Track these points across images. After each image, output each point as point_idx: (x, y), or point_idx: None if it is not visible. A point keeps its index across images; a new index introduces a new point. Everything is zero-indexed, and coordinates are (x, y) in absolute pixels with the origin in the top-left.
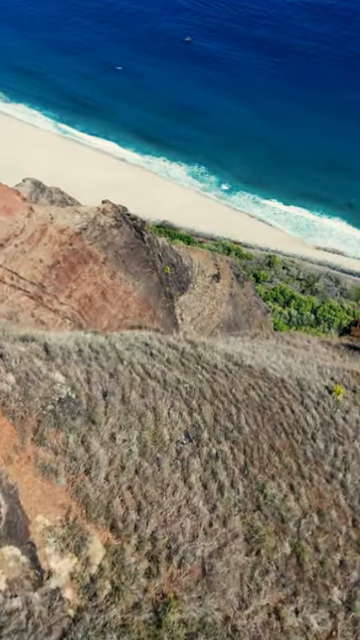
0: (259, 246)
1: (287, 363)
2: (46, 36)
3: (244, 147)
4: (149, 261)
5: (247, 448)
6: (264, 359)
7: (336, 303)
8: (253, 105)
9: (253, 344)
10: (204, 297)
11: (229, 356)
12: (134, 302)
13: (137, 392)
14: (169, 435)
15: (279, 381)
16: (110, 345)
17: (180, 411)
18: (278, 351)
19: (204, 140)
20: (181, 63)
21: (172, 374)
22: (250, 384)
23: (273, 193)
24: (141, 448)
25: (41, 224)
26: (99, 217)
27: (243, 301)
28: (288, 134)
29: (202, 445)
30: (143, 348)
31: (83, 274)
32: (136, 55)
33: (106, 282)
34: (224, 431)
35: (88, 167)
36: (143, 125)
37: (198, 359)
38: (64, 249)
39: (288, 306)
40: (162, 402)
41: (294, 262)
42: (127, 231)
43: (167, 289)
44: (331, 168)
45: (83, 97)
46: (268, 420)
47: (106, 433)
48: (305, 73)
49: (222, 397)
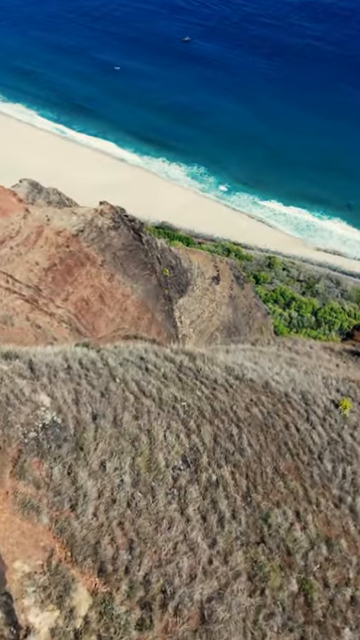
0: (259, 247)
1: (290, 374)
2: (44, 36)
3: (243, 148)
4: (147, 263)
5: (249, 472)
6: (266, 371)
7: (337, 305)
8: (252, 105)
9: (254, 353)
10: (203, 299)
11: (230, 369)
12: (132, 305)
13: (130, 413)
14: (165, 461)
15: (283, 396)
16: (102, 360)
17: (177, 433)
18: (280, 360)
19: (203, 140)
20: (180, 63)
21: (169, 391)
22: (252, 400)
23: (273, 194)
24: (134, 477)
25: (37, 226)
26: (96, 218)
27: (243, 303)
28: (287, 134)
29: (201, 471)
30: (138, 363)
31: (80, 277)
32: (135, 55)
33: (104, 285)
34: (225, 454)
35: (86, 167)
36: (142, 125)
37: (197, 373)
38: (61, 251)
39: (288, 308)
40: (157, 423)
41: (294, 263)
42: (125, 233)
43: (166, 292)
44: (331, 169)
45: (81, 97)
46: (272, 440)
47: (95, 461)
48: (304, 74)
49: (222, 416)
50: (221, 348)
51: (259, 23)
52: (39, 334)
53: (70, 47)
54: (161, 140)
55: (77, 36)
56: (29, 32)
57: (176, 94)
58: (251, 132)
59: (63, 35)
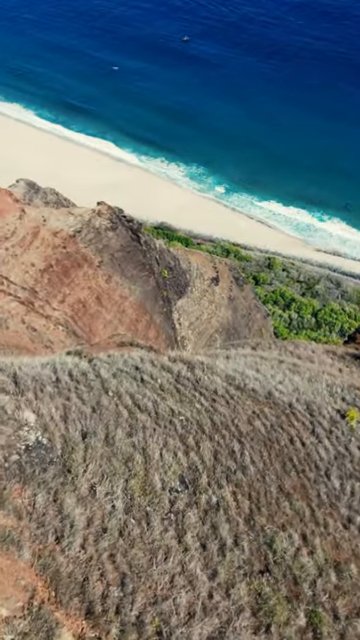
0: (258, 248)
1: (294, 383)
2: (42, 35)
3: (242, 148)
4: (146, 264)
5: (252, 492)
6: (269, 379)
7: (337, 306)
8: (251, 106)
9: (256, 359)
10: (202, 301)
11: (230, 378)
12: (130, 307)
13: (124, 430)
14: (161, 482)
15: (287, 407)
16: (94, 372)
17: (174, 451)
18: (283, 367)
19: (202, 140)
20: (179, 63)
21: (166, 404)
22: (255, 412)
23: (272, 194)
24: (127, 502)
25: (33, 226)
26: (94, 219)
27: (243, 305)
28: (286, 134)
29: (200, 492)
30: (133, 373)
31: (77, 278)
32: (133, 55)
33: (101, 286)
34: (226, 472)
35: (84, 168)
36: (140, 125)
37: (195, 384)
38: (57, 252)
39: (288, 309)
40: (153, 441)
41: (294, 264)
42: (123, 233)
43: (164, 293)
44: (330, 169)
45: (79, 97)
46: (276, 456)
47: (84, 486)
48: (304, 74)
49: (223, 430)
50: (221, 354)
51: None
52: (35, 337)
53: (68, 47)
54: (160, 140)
55: (75, 36)
56: (27, 31)
57: (175, 94)
58: (250, 132)
59: (61, 35)
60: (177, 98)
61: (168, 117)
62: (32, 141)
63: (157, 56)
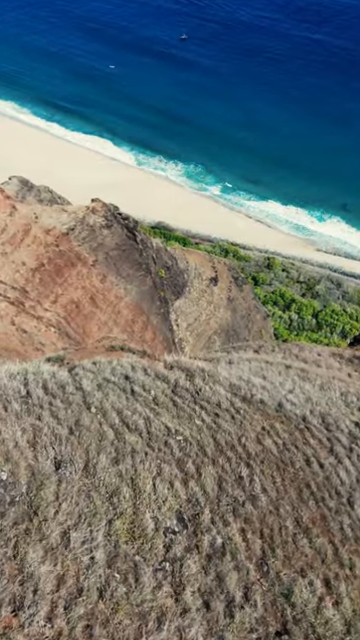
0: (257, 248)
1: (306, 392)
2: (39, 32)
3: (240, 147)
4: (142, 264)
5: (265, 529)
6: (278, 388)
7: (338, 307)
8: (250, 105)
9: (261, 365)
10: (201, 302)
11: (235, 388)
12: (126, 307)
13: (108, 456)
14: (154, 522)
15: (300, 421)
16: (75, 383)
17: (170, 480)
18: (292, 373)
19: (200, 139)
20: (177, 61)
21: (160, 422)
22: (264, 429)
23: (271, 193)
24: (110, 551)
25: (24, 224)
26: (88, 216)
27: (242, 305)
28: (285, 134)
29: (202, 532)
30: (122, 384)
31: (70, 278)
32: (130, 53)
33: (95, 286)
34: (232, 505)
35: (80, 167)
36: (138, 124)
37: (195, 396)
38: (49, 251)
39: (288, 310)
40: (144, 468)
41: (294, 264)
42: (118, 232)
43: (161, 293)
44: (329, 169)
45: (76, 95)
46: (291, 481)
47: (55, 532)
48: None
49: (229, 452)
50: (222, 358)
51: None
52: (25, 339)
53: (65, 45)
54: (157, 139)
55: (72, 34)
56: (24, 28)
57: (173, 92)
58: (248, 131)
59: (58, 32)
60: (175, 97)
61: (165, 116)
62: (27, 139)
63: (155, 55)
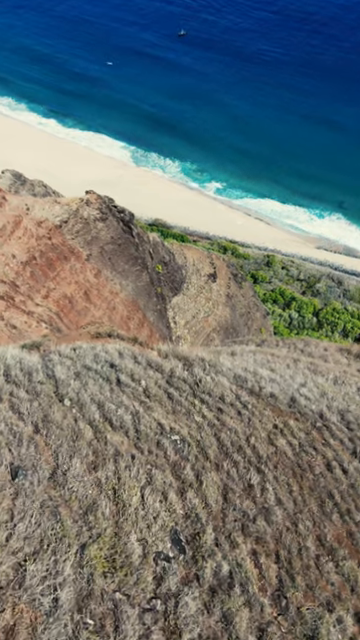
0: (256, 245)
1: (320, 386)
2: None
3: (239, 144)
4: (138, 258)
5: (282, 550)
6: (289, 381)
7: (339, 305)
8: (249, 102)
9: (267, 357)
10: (199, 298)
11: (241, 380)
12: (121, 303)
13: (84, 460)
14: (142, 546)
15: (317, 418)
16: (46, 371)
17: (163, 490)
18: (301, 366)
19: (198, 136)
20: (175, 57)
21: (152, 417)
22: (277, 427)
23: (269, 190)
24: (81, 588)
25: (15, 215)
26: (82, 209)
27: (241, 303)
28: (284, 131)
29: (204, 558)
30: (106, 373)
31: (63, 272)
32: (128, 49)
33: (90, 281)
34: (241, 521)
35: (76, 163)
36: (135, 121)
37: (195, 387)
38: (41, 244)
39: (288, 308)
40: (131, 475)
41: (294, 262)
42: (114, 225)
43: (159, 289)
44: (329, 165)
45: (73, 92)
46: (310, 490)
47: (6, 565)
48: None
49: (235, 454)
50: (224, 350)
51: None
52: (14, 335)
53: (62, 40)
54: (154, 136)
55: (69, 29)
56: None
57: (171, 89)
58: (247, 128)
59: (56, 28)
60: (173, 93)
61: (163, 112)
62: (22, 136)
63: (153, 50)
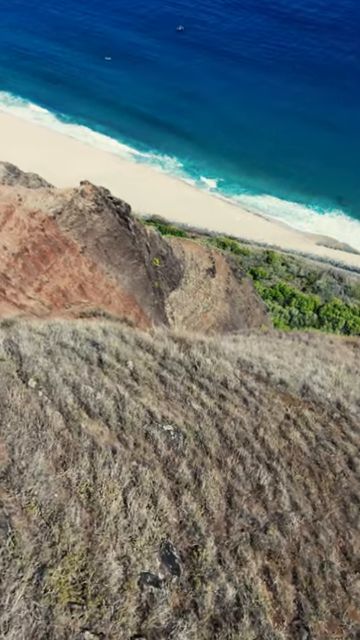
0: (256, 241)
1: (332, 374)
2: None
3: (237, 140)
4: (135, 252)
5: (300, 567)
6: (298, 368)
7: (340, 302)
8: (247, 98)
9: (272, 345)
10: (198, 293)
11: (245, 365)
12: (117, 298)
13: (50, 454)
14: (122, 566)
15: (335, 408)
16: (7, 347)
17: (152, 493)
18: (310, 355)
19: (196, 132)
20: (172, 53)
21: (140, 404)
22: (289, 417)
23: (268, 186)
24: (37, 628)
25: (6, 206)
26: (77, 200)
27: (241, 298)
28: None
29: (203, 580)
30: (85, 351)
31: (56, 265)
32: (126, 44)
33: (84, 275)
34: (250, 531)
35: (73, 159)
36: (133, 116)
37: (192, 370)
38: (34, 235)
39: (289, 305)
40: (111, 474)
41: (294, 258)
42: (110, 217)
43: (156, 284)
44: (329, 161)
45: (70, 87)
46: (331, 492)
47: None
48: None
49: (241, 448)
50: (225, 338)
51: None
52: None
53: (59, 35)
54: (152, 131)
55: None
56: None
57: (169, 86)
58: (246, 124)
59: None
60: (170, 89)
61: (161, 108)
62: (19, 131)
63: (151, 45)
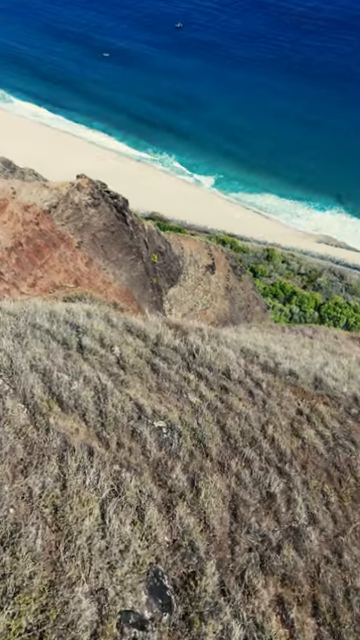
0: (255, 239)
1: (345, 367)
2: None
3: (237, 137)
4: (133, 247)
5: (321, 596)
6: (308, 360)
7: (341, 300)
8: (246, 96)
9: (277, 336)
10: (197, 290)
11: (250, 354)
12: (114, 294)
13: (6, 460)
14: (97, 605)
15: (352, 403)
16: None
17: (139, 505)
18: (317, 347)
19: (195, 130)
20: (172, 50)
21: (126, 396)
22: (302, 412)
23: (269, 184)
24: None
25: (0, 199)
26: (73, 194)
27: (241, 296)
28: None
29: (202, 617)
30: (62, 333)
31: (52, 260)
32: (124, 40)
33: (80, 270)
34: (259, 551)
35: (72, 156)
36: (131, 113)
37: (190, 359)
38: (28, 229)
39: (289, 303)
40: (86, 482)
41: (294, 256)
42: (107, 211)
43: (154, 280)
44: (329, 159)
45: (68, 84)
46: (353, 501)
47: None
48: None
49: (247, 449)
50: (226, 329)
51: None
52: None
53: (57, 31)
54: (151, 129)
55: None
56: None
57: (168, 83)
58: (245, 122)
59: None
60: (170, 86)
61: (160, 105)
62: (17, 128)
63: (150, 42)
